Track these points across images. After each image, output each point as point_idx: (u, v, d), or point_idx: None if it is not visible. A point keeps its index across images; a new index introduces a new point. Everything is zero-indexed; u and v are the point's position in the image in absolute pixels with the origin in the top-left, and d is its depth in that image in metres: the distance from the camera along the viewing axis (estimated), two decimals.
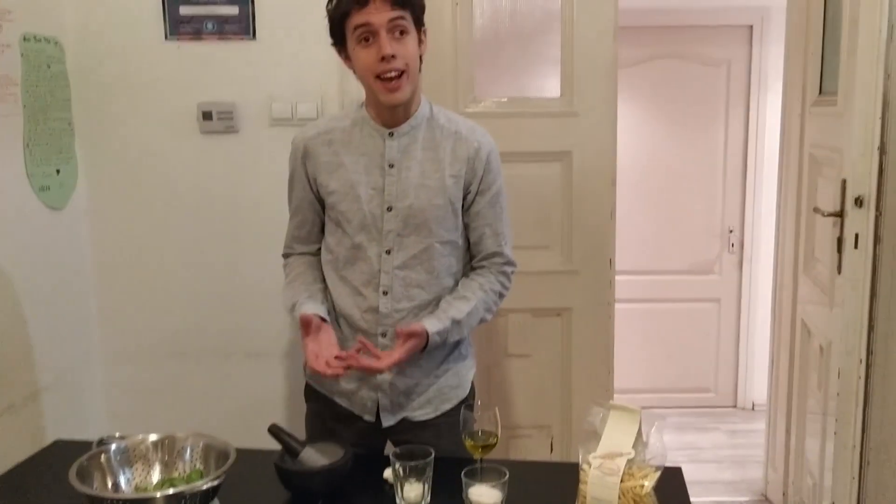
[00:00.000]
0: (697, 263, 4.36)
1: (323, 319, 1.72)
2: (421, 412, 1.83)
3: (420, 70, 1.73)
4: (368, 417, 1.83)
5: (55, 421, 2.34)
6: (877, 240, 2.22)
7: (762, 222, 4.19)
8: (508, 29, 2.61)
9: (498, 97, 2.62)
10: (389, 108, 1.71)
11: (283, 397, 2.59)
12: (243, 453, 1.50)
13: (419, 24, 1.70)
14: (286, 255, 1.94)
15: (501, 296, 1.84)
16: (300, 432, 1.76)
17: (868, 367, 2.28)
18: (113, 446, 1.52)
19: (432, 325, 1.68)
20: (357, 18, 1.63)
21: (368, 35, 1.63)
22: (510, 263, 1.84)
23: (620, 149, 2.65)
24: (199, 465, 1.54)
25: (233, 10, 2.37)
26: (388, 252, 1.75)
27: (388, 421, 1.82)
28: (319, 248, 1.88)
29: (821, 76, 2.66)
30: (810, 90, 2.78)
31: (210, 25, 2.38)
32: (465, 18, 2.54)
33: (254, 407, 2.56)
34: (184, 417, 2.55)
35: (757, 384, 4.33)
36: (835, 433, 2.33)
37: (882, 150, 2.17)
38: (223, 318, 2.56)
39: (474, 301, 1.76)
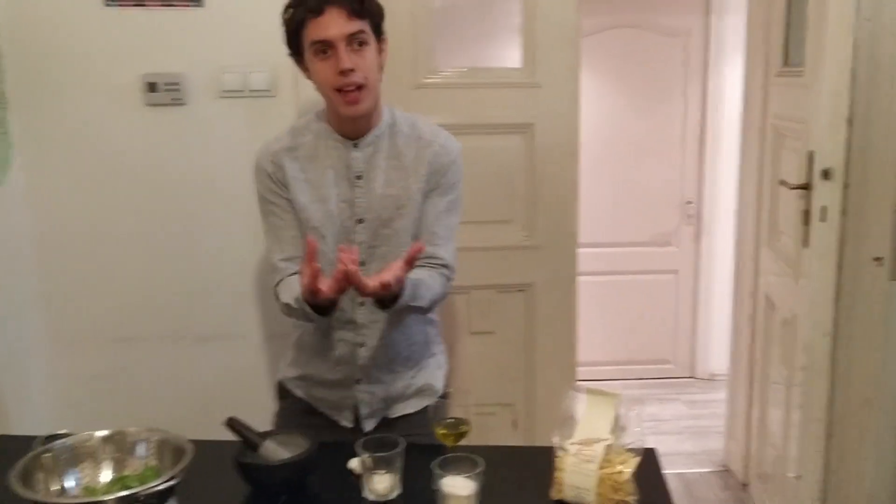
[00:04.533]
0: (656, 235, 4.36)
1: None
2: (399, 407, 1.84)
3: (380, 79, 1.69)
4: (345, 423, 1.83)
5: None
6: (843, 212, 2.21)
7: (720, 194, 4.19)
8: None
9: (458, 67, 2.53)
10: (350, 119, 1.67)
11: (239, 383, 2.48)
12: (200, 446, 1.42)
13: (378, 33, 1.66)
14: (277, 284, 1.76)
15: (444, 291, 1.75)
16: (258, 420, 1.68)
17: (834, 339, 2.28)
18: (58, 444, 1.42)
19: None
20: (314, 32, 1.59)
21: (326, 48, 1.59)
22: (446, 266, 1.75)
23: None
24: (153, 462, 1.45)
25: None
26: (363, 264, 1.71)
27: (369, 426, 1.82)
28: None
29: (785, 46, 2.62)
30: (774, 60, 2.75)
31: None
32: None
33: (208, 394, 2.46)
34: (133, 406, 2.44)
35: (715, 355, 4.36)
36: (801, 406, 2.33)
37: (849, 121, 2.14)
38: (173, 299, 2.45)
39: (423, 275, 1.68)
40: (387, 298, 1.57)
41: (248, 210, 2.35)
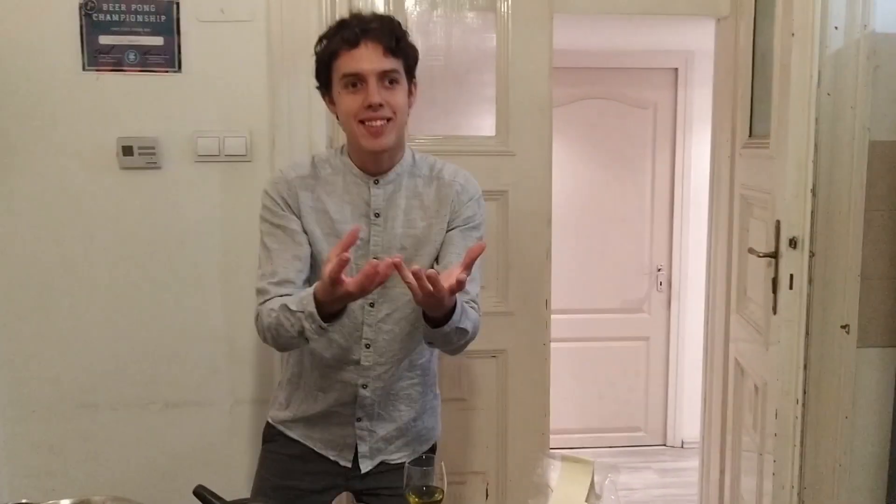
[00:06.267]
0: (627, 302, 4.39)
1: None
2: (398, 455, 1.81)
3: (407, 121, 1.69)
4: (345, 463, 1.79)
5: None
6: (810, 280, 2.25)
7: (689, 260, 4.25)
8: (444, 66, 2.58)
9: (433, 135, 2.58)
10: (372, 154, 1.65)
11: (209, 450, 2.43)
12: None
13: (411, 74, 1.66)
14: (263, 303, 1.65)
15: (477, 325, 1.68)
16: (228, 488, 1.64)
17: (804, 405, 2.29)
18: None
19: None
20: (346, 64, 1.58)
21: (357, 81, 1.59)
22: (476, 304, 1.71)
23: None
24: None
25: (157, 41, 2.26)
26: (372, 305, 1.70)
27: (366, 466, 1.79)
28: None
29: (750, 119, 2.70)
30: (740, 132, 2.82)
31: (132, 56, 2.26)
32: None
33: (176, 462, 2.40)
34: (98, 474, 2.38)
35: (686, 422, 4.36)
36: (773, 474, 2.33)
37: (813, 192, 2.20)
38: (142, 365, 2.40)
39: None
40: (438, 316, 1.51)
41: (221, 275, 2.37)
